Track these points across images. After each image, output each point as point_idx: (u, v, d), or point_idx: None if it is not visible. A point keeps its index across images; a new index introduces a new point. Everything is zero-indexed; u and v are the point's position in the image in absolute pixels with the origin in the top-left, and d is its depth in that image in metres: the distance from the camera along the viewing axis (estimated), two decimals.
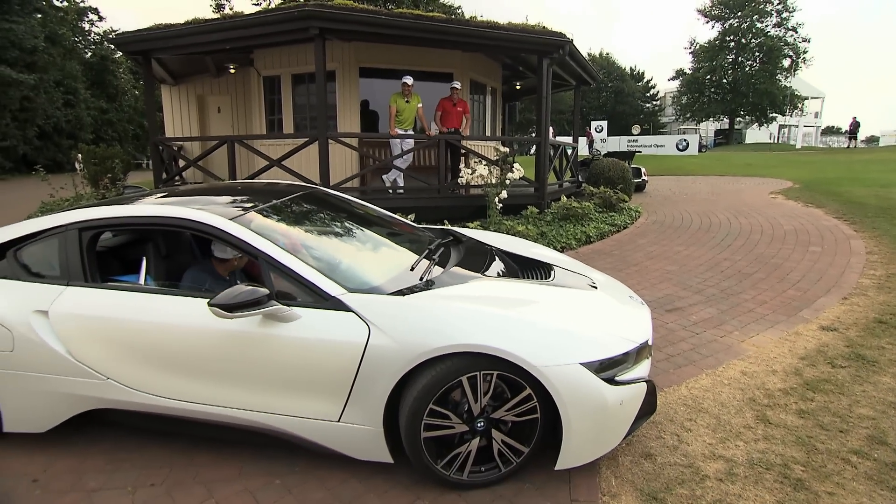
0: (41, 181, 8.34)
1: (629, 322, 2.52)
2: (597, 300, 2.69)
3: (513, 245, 3.58)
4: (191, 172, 9.79)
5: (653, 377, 2.50)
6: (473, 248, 3.25)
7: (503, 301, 2.40)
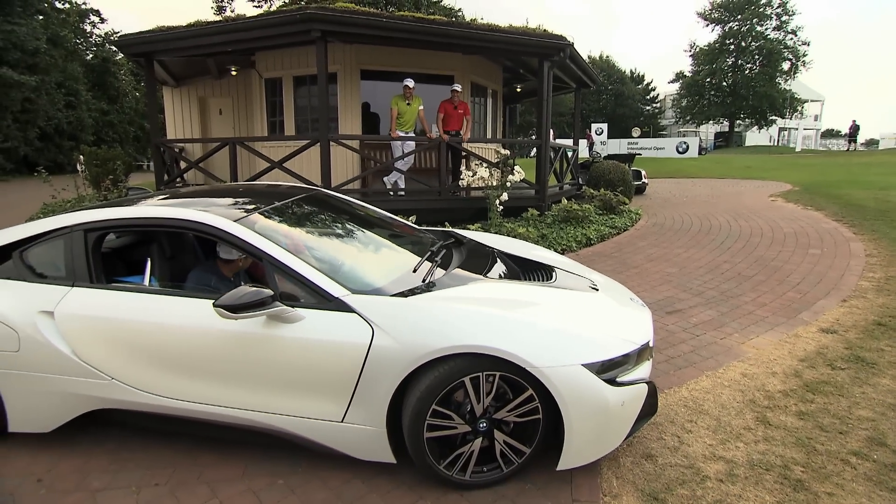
0: (43, 182, 8.35)
1: (630, 324, 2.53)
2: (598, 302, 2.71)
3: (514, 247, 3.60)
4: (192, 174, 9.82)
5: (654, 379, 2.52)
6: (475, 250, 3.27)
7: (505, 302, 2.41)
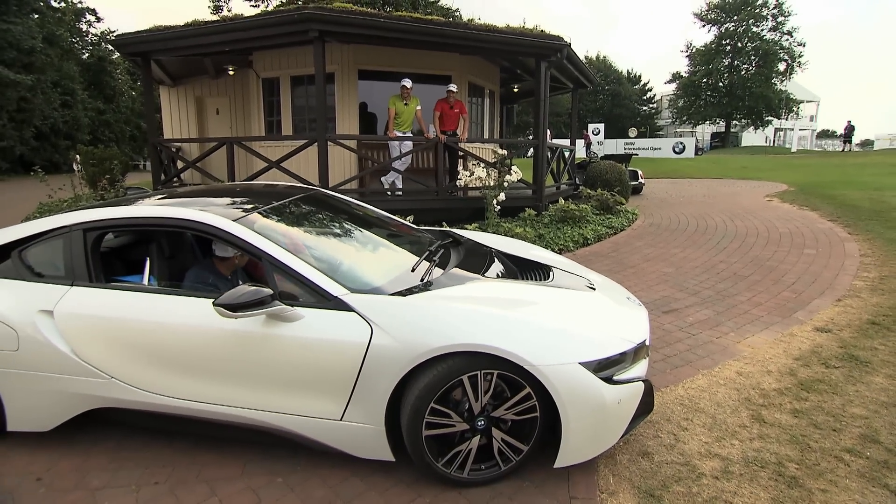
0: (40, 182, 8.33)
1: (627, 322, 2.56)
2: (595, 301, 2.73)
3: (511, 247, 3.61)
4: (189, 174, 9.80)
5: (650, 377, 2.54)
6: (473, 250, 3.28)
7: (503, 302, 2.43)
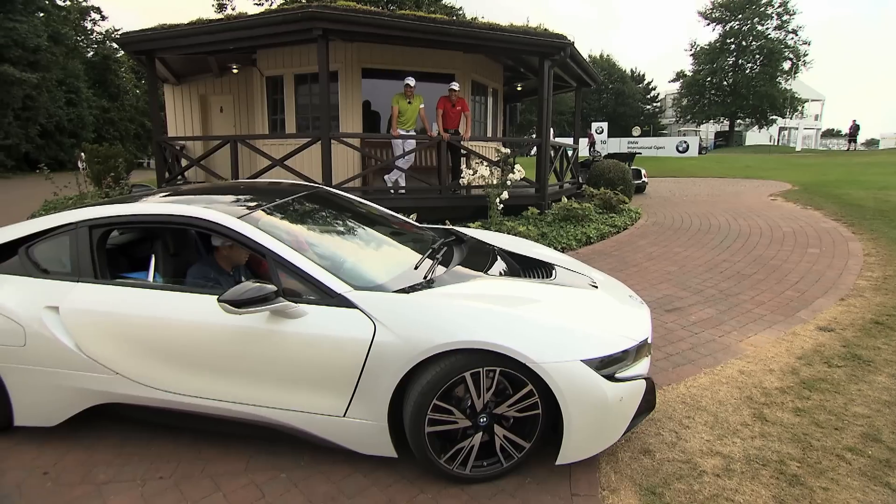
0: (45, 179, 8.37)
1: (629, 320, 2.56)
2: (597, 299, 2.74)
3: (514, 245, 3.62)
4: (193, 172, 9.83)
5: (652, 375, 2.55)
6: (476, 248, 3.29)
7: (506, 299, 2.43)
